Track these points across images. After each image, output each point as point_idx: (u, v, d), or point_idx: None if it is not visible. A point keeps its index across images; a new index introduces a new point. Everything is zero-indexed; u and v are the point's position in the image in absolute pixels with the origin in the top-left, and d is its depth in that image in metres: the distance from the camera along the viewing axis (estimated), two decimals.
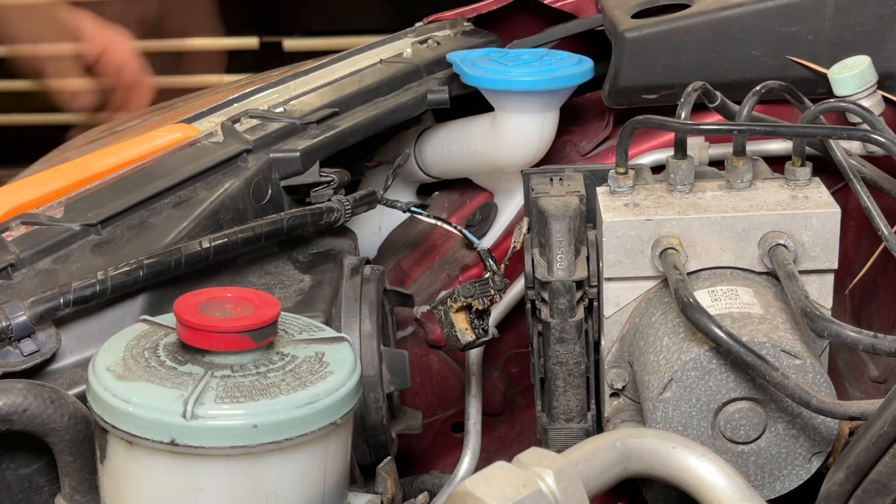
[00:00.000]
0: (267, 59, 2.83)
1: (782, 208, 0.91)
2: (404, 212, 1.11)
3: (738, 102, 0.99)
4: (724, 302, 0.88)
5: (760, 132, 0.97)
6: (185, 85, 2.82)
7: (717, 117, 1.06)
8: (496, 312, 1.14)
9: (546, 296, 0.96)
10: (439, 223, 1.12)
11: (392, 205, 1.09)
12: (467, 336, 1.02)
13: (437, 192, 1.27)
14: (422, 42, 1.23)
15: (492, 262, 1.04)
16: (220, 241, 0.92)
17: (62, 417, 0.79)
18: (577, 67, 1.10)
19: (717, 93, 1.02)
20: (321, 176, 1.05)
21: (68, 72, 1.67)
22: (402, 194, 1.27)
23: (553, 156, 1.16)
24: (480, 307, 1.02)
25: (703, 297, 0.88)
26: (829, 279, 0.93)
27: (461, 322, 1.01)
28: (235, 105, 1.13)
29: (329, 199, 1.04)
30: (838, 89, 1.06)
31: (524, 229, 1.02)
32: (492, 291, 1.02)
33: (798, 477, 0.87)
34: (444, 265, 1.21)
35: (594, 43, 1.19)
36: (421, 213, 1.12)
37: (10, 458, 0.83)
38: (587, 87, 1.15)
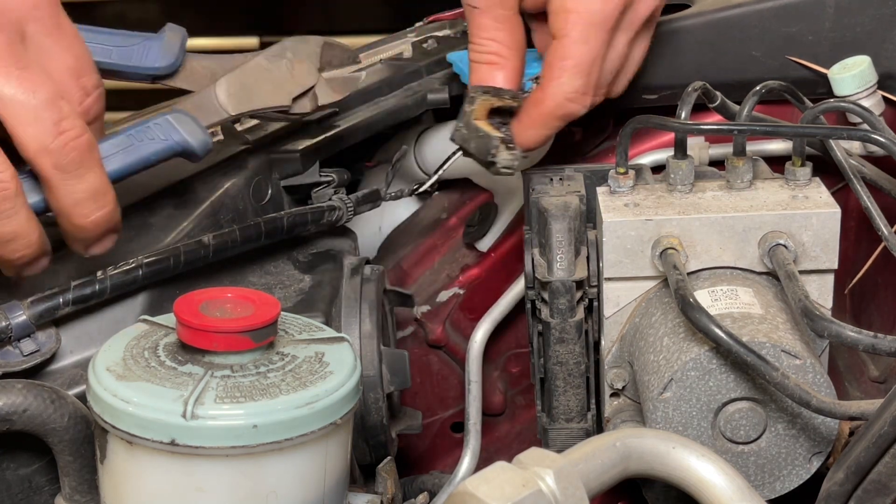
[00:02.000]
0: None
1: (782, 208, 0.91)
2: (409, 195, 1.12)
3: (738, 102, 0.99)
4: (724, 302, 0.88)
5: (760, 132, 0.98)
6: None
7: (717, 117, 1.06)
8: (496, 312, 1.14)
9: (546, 296, 0.96)
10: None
11: (397, 196, 1.09)
12: (495, 134, 0.98)
13: (437, 192, 1.27)
14: (422, 42, 1.23)
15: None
16: (220, 240, 0.92)
17: (62, 417, 0.79)
18: None
19: (717, 93, 1.02)
20: (321, 176, 1.05)
21: None
22: None
23: (553, 156, 1.16)
24: (499, 104, 0.99)
25: (703, 297, 0.88)
26: (829, 279, 0.93)
27: (485, 126, 0.98)
28: None
29: (330, 199, 1.04)
30: (838, 89, 1.06)
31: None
32: (505, 94, 0.99)
33: (798, 477, 0.87)
34: (444, 265, 1.21)
35: None
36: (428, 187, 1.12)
37: (10, 458, 0.83)
38: None
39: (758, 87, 0.97)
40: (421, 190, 1.12)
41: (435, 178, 1.12)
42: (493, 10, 1.00)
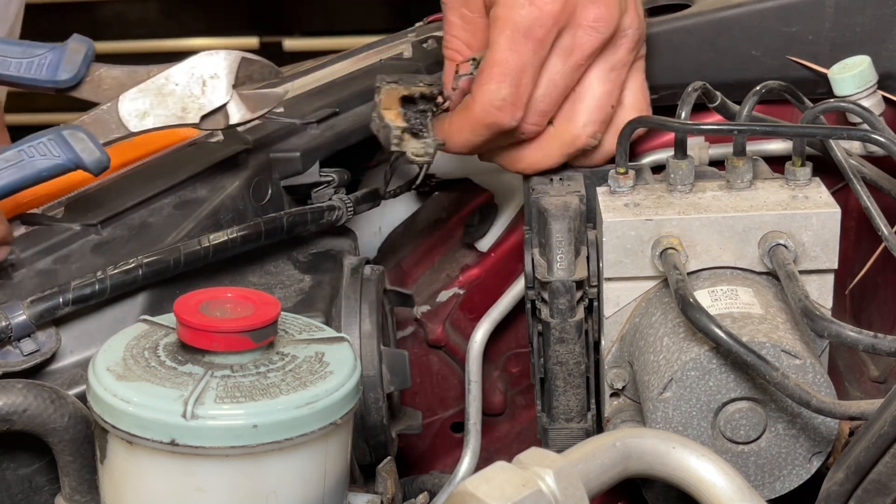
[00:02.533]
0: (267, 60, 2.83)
1: (782, 208, 0.91)
2: (407, 190, 1.12)
3: (738, 102, 0.99)
4: (724, 302, 0.88)
5: (760, 132, 0.98)
6: None
7: (717, 117, 1.06)
8: (496, 312, 1.14)
9: (546, 296, 0.96)
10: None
11: (395, 193, 1.09)
12: (397, 124, 0.98)
13: (437, 192, 1.27)
14: (422, 42, 1.23)
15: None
16: (220, 240, 0.92)
17: (62, 417, 0.79)
18: None
19: (717, 93, 1.02)
20: (321, 176, 1.05)
21: None
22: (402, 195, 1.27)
23: None
24: (406, 92, 0.98)
25: (703, 297, 0.88)
26: (829, 279, 0.93)
27: (391, 115, 0.98)
28: None
29: (330, 199, 1.04)
30: (838, 89, 1.06)
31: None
32: (418, 81, 0.99)
33: (798, 477, 0.87)
34: (444, 265, 1.21)
35: None
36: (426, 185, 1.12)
37: (10, 458, 0.83)
38: None
39: (758, 87, 0.97)
40: (417, 183, 1.12)
41: (424, 170, 1.12)
42: (458, 9, 1.01)
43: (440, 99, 1.01)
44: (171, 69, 0.94)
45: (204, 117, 0.94)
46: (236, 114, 0.94)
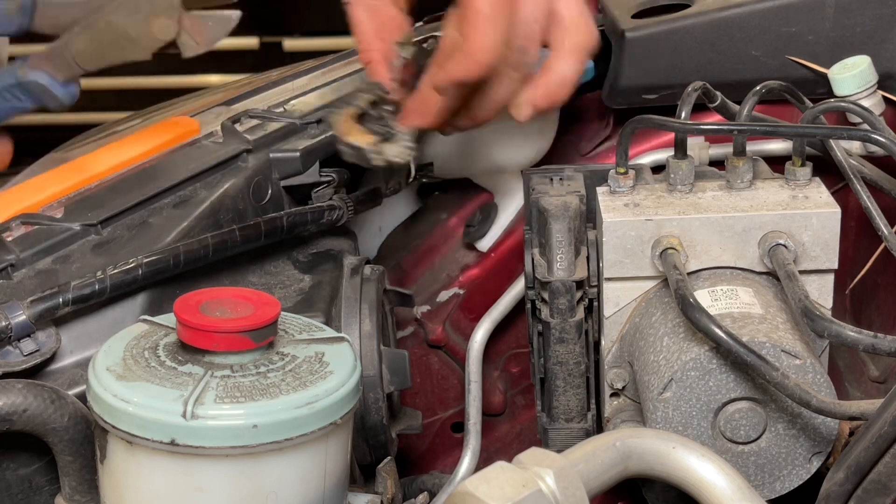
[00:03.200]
0: (267, 59, 2.83)
1: (782, 208, 0.92)
2: (406, 185, 1.12)
3: (738, 102, 1.00)
4: (724, 302, 0.88)
5: (760, 132, 0.98)
6: (184, 85, 2.82)
7: (717, 117, 1.06)
8: (496, 312, 1.14)
9: (546, 296, 0.96)
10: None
11: (395, 190, 1.09)
12: (366, 142, 0.98)
13: (437, 192, 1.27)
14: (422, 42, 1.22)
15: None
16: (220, 240, 0.92)
17: (62, 417, 0.79)
18: None
19: (717, 93, 1.02)
20: (321, 176, 1.05)
21: None
22: (402, 195, 1.27)
23: (553, 156, 1.16)
24: (357, 111, 0.99)
25: (703, 297, 0.88)
26: (829, 279, 0.93)
27: (355, 137, 0.98)
28: (235, 105, 1.13)
29: (330, 199, 1.04)
30: (838, 89, 1.06)
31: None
32: (358, 95, 0.99)
33: (798, 477, 0.87)
34: (444, 265, 1.21)
35: None
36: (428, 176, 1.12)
37: (10, 458, 0.83)
38: (587, 87, 1.15)
39: (758, 87, 0.97)
40: (413, 176, 1.12)
41: (414, 163, 1.12)
42: (364, 2, 1.00)
43: (389, 98, 1.01)
44: (115, 10, 0.96)
45: (156, 54, 0.95)
46: (188, 49, 0.95)
